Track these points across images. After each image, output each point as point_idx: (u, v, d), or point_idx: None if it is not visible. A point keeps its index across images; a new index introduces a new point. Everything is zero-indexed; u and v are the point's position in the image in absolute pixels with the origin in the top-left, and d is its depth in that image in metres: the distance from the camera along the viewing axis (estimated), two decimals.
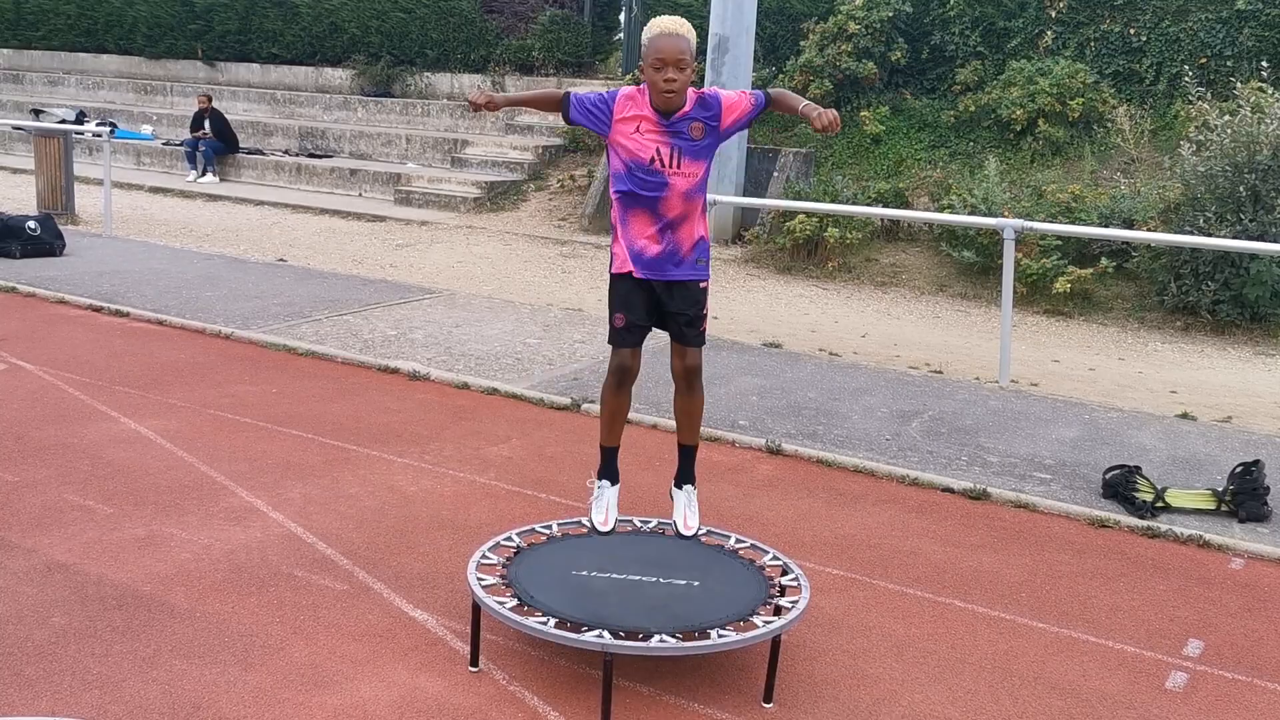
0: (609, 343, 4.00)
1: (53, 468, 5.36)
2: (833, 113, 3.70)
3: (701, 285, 3.91)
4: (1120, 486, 5.60)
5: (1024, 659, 4.05)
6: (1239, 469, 5.62)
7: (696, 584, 3.84)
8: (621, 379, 3.86)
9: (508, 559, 4.01)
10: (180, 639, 3.85)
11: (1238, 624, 4.42)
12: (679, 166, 3.75)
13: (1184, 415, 7.24)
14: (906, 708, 3.68)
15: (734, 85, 12.96)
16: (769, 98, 3.91)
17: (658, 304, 3.90)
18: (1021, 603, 4.50)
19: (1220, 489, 5.61)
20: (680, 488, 4.06)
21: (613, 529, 3.90)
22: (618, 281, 3.89)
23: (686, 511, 3.92)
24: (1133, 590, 4.68)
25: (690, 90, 3.80)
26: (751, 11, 13.07)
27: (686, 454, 4.05)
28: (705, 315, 3.93)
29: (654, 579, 3.85)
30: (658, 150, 3.74)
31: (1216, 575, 4.89)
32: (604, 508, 3.92)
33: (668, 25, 3.71)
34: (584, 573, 3.87)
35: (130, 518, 4.83)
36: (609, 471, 4.02)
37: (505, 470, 5.67)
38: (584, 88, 17.42)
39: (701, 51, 14.66)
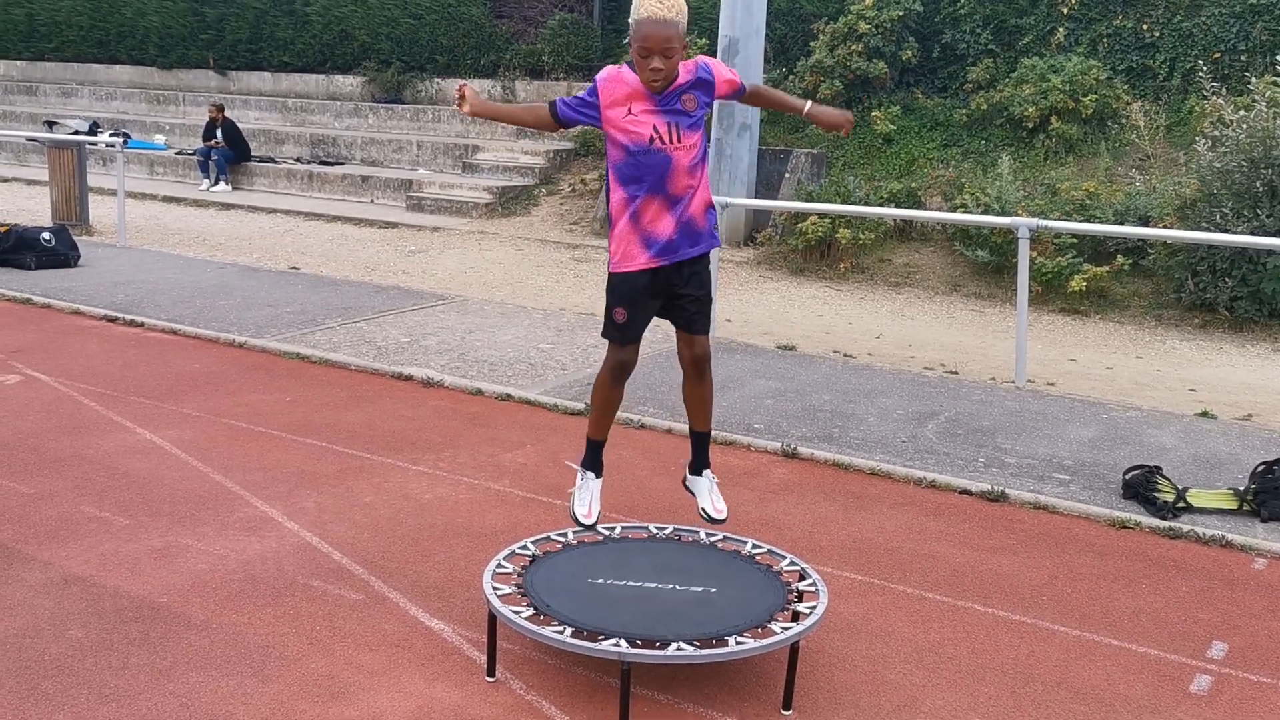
0: (604, 336, 3.86)
1: (69, 479, 5.36)
2: (844, 114, 3.63)
3: (706, 257, 3.83)
4: (1141, 487, 5.55)
5: (1046, 664, 4.01)
6: (1261, 468, 5.57)
7: (714, 590, 3.81)
8: (619, 374, 3.77)
9: (523, 568, 3.99)
10: (197, 650, 3.84)
11: (1262, 625, 4.37)
12: (679, 140, 3.64)
13: (1204, 413, 7.18)
14: (927, 714, 3.65)
15: None
16: (746, 90, 3.84)
17: (665, 291, 3.79)
18: (1042, 606, 4.46)
19: (1242, 488, 5.55)
20: (699, 474, 3.97)
21: (595, 523, 3.81)
22: (622, 279, 3.76)
23: (712, 497, 3.82)
24: (1155, 592, 4.64)
25: (681, 65, 3.65)
26: (761, 13, 13.04)
27: (701, 440, 3.96)
28: (712, 300, 3.85)
29: (670, 586, 3.82)
30: (654, 129, 3.61)
31: (1240, 576, 4.84)
32: (587, 500, 3.82)
33: (654, 10, 3.48)
34: (600, 581, 3.84)
35: (146, 529, 4.83)
36: (594, 463, 3.91)
37: (520, 476, 5.65)
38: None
39: (711, 53, 14.64)
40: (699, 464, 3.94)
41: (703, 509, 3.86)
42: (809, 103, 3.85)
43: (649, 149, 3.63)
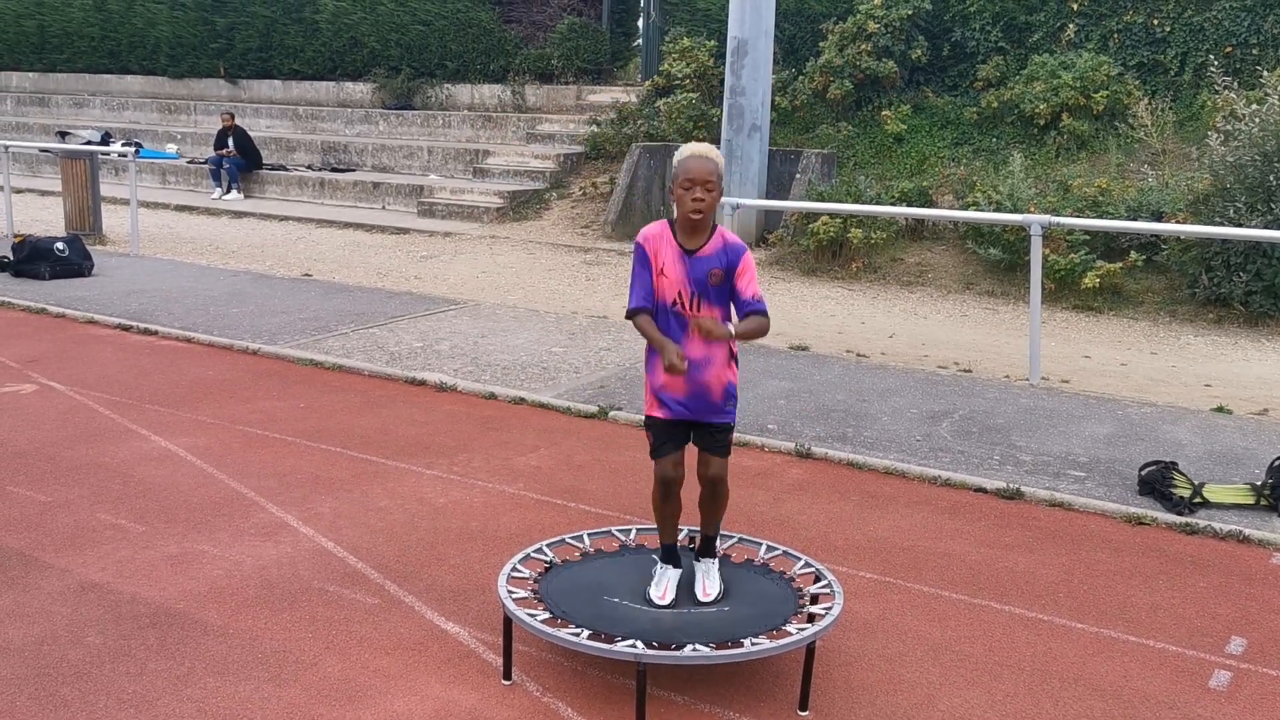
0: (650, 455, 4.01)
1: (85, 487, 5.39)
2: (706, 323, 3.70)
3: (729, 425, 3.94)
4: (1157, 483, 5.52)
5: (1063, 661, 3.99)
6: (1277, 462, 5.54)
7: (726, 610, 3.80)
8: (668, 490, 3.95)
9: (539, 573, 3.99)
10: (214, 656, 3.85)
11: None
12: (698, 310, 3.84)
13: (1219, 409, 7.14)
14: (945, 712, 3.64)
15: (753, 87, 12.94)
16: (745, 309, 3.84)
17: (688, 427, 3.95)
18: (1059, 603, 4.44)
19: (1259, 483, 5.53)
20: (699, 560, 4.07)
21: (670, 604, 3.89)
22: (649, 420, 3.96)
23: (705, 580, 3.98)
24: (1172, 588, 4.61)
25: (721, 230, 3.87)
26: (770, 14, 13.04)
27: (708, 540, 4.07)
28: (732, 432, 3.96)
29: (685, 609, 3.80)
30: (679, 294, 3.83)
31: (1257, 571, 4.81)
32: (665, 585, 3.96)
33: (698, 149, 3.84)
34: (615, 600, 3.84)
35: (162, 536, 4.85)
36: (669, 558, 4.03)
37: (534, 480, 5.66)
38: (603, 94, 17.45)
39: (720, 55, 14.64)
40: (703, 552, 4.04)
41: (694, 589, 3.96)
42: (730, 326, 3.91)
43: (670, 310, 3.84)
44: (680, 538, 4.29)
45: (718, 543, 4.11)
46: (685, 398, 3.86)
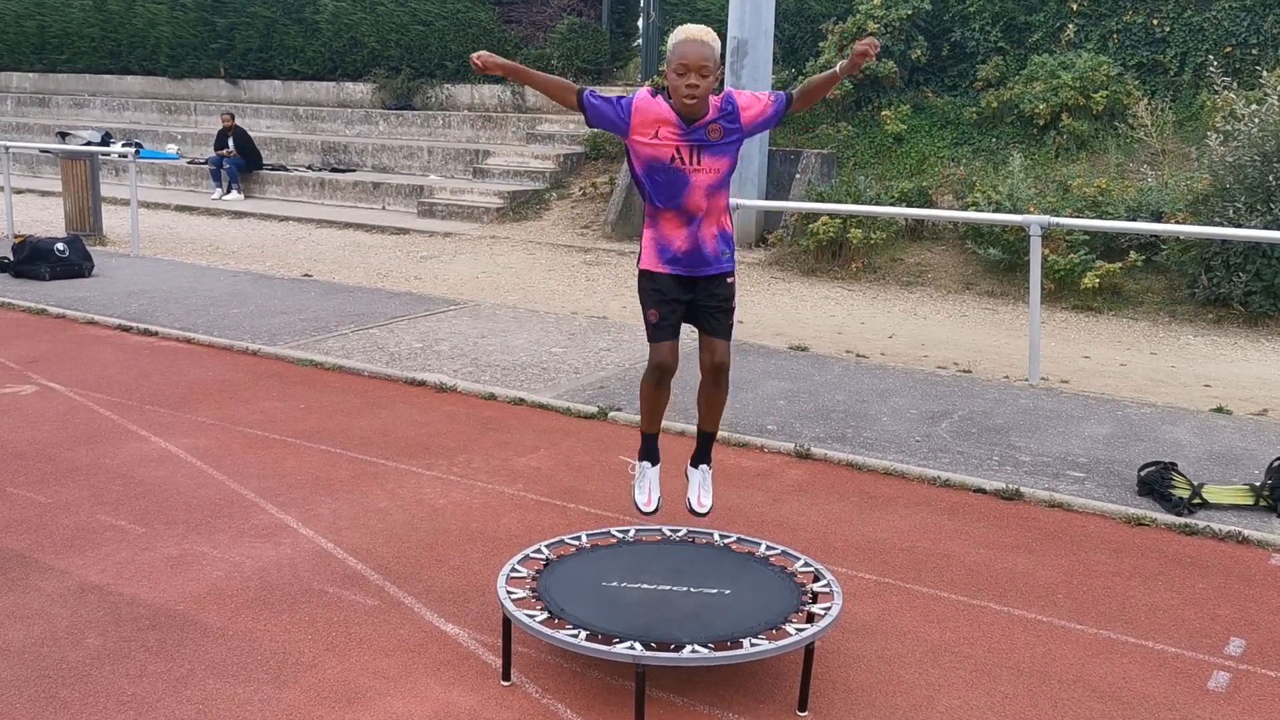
0: (648, 339, 4.01)
1: (85, 488, 5.39)
2: (859, 49, 3.70)
3: (729, 280, 3.91)
4: (1156, 483, 5.53)
5: (1062, 662, 3.99)
6: (1277, 463, 5.54)
7: (728, 593, 3.81)
8: (661, 376, 3.90)
9: (537, 572, 3.99)
10: (213, 658, 3.86)
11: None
12: (699, 163, 3.80)
13: (1219, 409, 7.15)
14: (943, 713, 3.64)
15: (754, 88, 12.93)
16: (790, 98, 3.92)
17: (688, 293, 3.93)
18: (1058, 604, 4.44)
19: (1258, 484, 5.53)
20: (696, 466, 4.04)
21: (657, 508, 3.86)
22: (645, 276, 3.93)
23: (700, 490, 3.92)
24: (1171, 589, 4.62)
25: (711, 97, 3.83)
26: (770, 14, 13.04)
27: (706, 438, 4.05)
28: (733, 308, 3.94)
29: (684, 589, 3.82)
30: (677, 150, 3.79)
31: (1257, 572, 4.81)
32: (647, 488, 3.92)
33: (693, 32, 3.78)
34: (614, 583, 3.85)
35: (162, 537, 4.85)
36: (650, 453, 4.02)
37: (534, 481, 5.66)
38: (602, 92, 17.42)
39: (721, 55, 14.63)
40: (699, 458, 4.02)
41: (688, 499, 3.93)
42: (838, 66, 3.92)
43: (669, 167, 3.80)
44: (680, 535, 4.28)
45: (714, 538, 4.08)
46: (686, 250, 3.82)
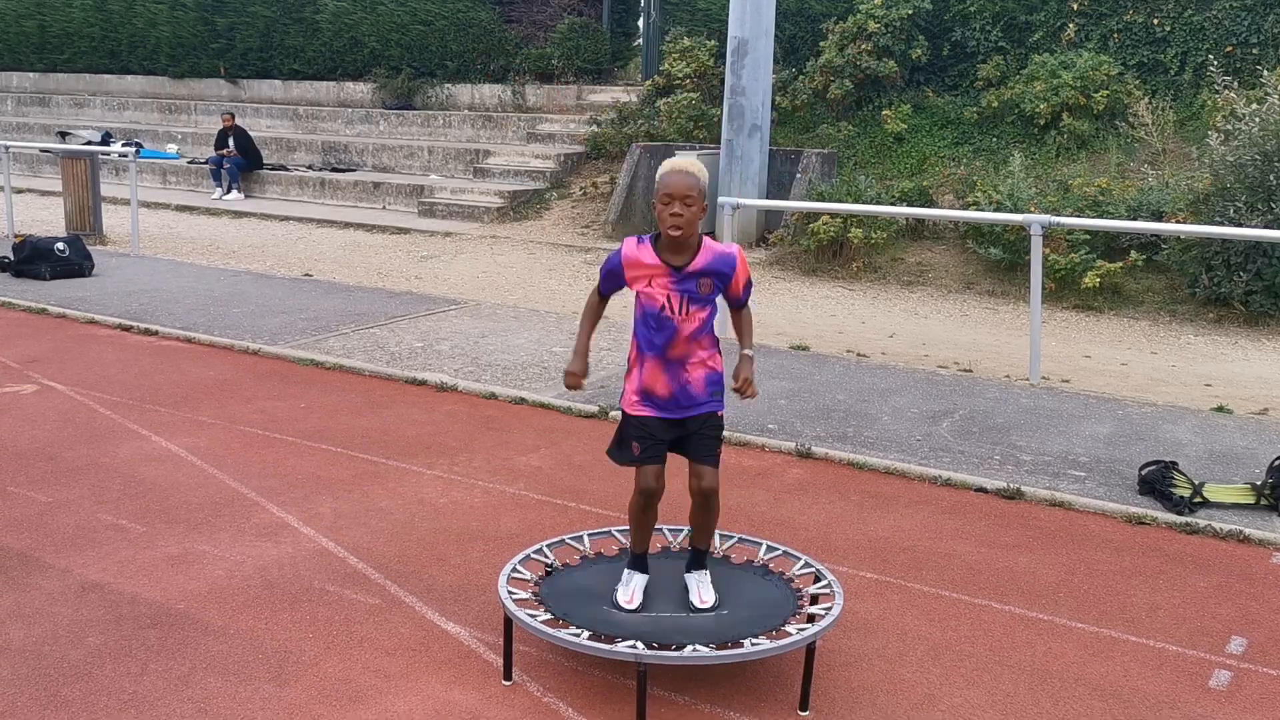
0: (624, 463, 3.94)
1: (85, 487, 5.39)
2: (743, 376, 3.79)
3: (718, 415, 3.90)
4: (1157, 482, 5.52)
5: (1063, 660, 3.99)
6: (1277, 462, 5.54)
7: (725, 613, 3.79)
8: (648, 500, 3.88)
9: (539, 578, 3.98)
10: (214, 656, 3.86)
11: None
12: (687, 314, 3.81)
13: (1219, 408, 7.15)
14: (945, 712, 3.64)
15: (754, 87, 12.94)
16: (742, 304, 3.92)
17: (673, 430, 3.90)
18: (1059, 603, 4.44)
19: (1259, 483, 5.53)
20: (691, 571, 4.04)
21: (638, 608, 3.87)
22: (628, 419, 3.91)
23: (700, 589, 3.93)
24: (1172, 588, 4.61)
25: (707, 242, 3.82)
26: (770, 13, 13.04)
27: (699, 553, 4.03)
28: (722, 438, 3.93)
29: (684, 614, 3.79)
30: (668, 298, 3.80)
31: (1258, 571, 4.81)
32: (631, 591, 3.92)
33: (678, 164, 3.80)
34: (615, 612, 3.82)
35: (163, 536, 4.85)
36: (638, 565, 4.00)
37: (534, 480, 5.66)
38: (603, 94, 17.45)
39: (721, 55, 14.64)
40: (694, 565, 3.99)
41: (689, 599, 3.93)
42: (748, 351, 3.94)
43: (659, 315, 3.81)
44: (680, 539, 4.29)
45: (716, 542, 4.09)
46: (672, 394, 3.81)
